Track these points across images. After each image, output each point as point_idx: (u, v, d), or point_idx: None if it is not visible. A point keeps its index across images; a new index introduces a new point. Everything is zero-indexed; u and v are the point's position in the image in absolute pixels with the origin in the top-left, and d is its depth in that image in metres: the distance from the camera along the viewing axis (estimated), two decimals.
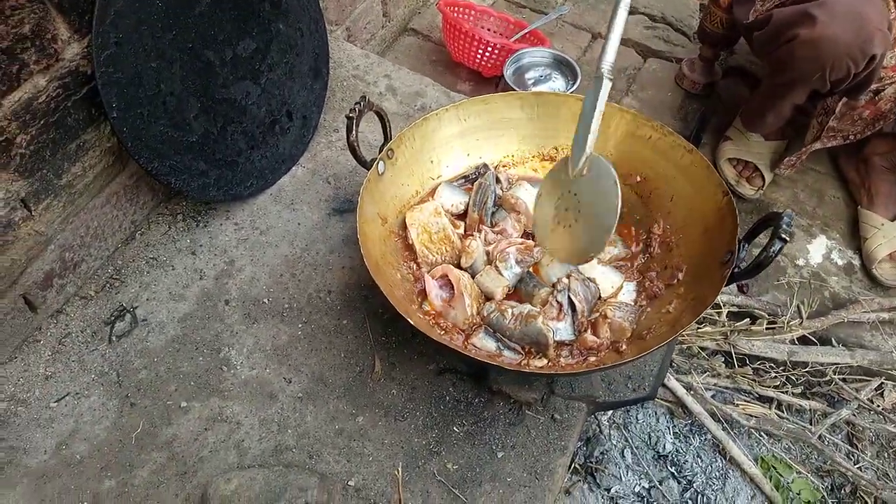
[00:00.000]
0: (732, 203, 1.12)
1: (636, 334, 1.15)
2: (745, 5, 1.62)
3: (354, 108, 1.14)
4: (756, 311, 1.52)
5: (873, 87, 1.45)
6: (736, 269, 1.04)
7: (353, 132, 1.15)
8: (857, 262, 1.70)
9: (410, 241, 1.25)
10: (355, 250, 1.33)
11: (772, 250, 0.97)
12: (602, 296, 1.21)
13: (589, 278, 1.21)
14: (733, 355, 1.49)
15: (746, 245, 1.07)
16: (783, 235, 0.97)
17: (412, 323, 1.01)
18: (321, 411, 1.14)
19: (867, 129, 1.60)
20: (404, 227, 1.26)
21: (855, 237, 1.73)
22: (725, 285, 1.04)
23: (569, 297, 1.15)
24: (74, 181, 1.14)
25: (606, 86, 1.05)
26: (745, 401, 1.44)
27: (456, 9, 1.98)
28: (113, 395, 1.13)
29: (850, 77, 1.33)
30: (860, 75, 1.33)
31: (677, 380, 1.41)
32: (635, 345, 1.11)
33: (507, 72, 1.76)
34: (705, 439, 1.40)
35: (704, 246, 1.17)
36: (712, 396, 1.43)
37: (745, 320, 1.51)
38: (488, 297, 1.18)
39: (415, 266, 1.24)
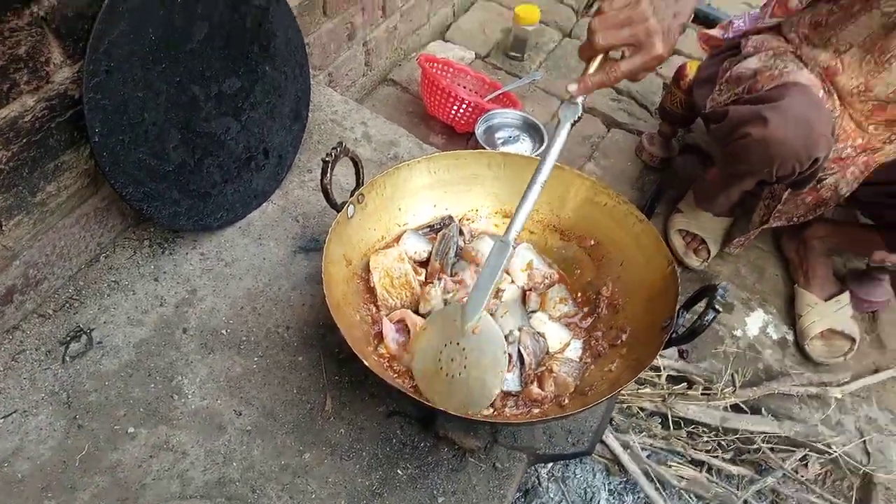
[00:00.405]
0: (676, 273, 1.20)
1: (579, 390, 1.21)
2: (704, 89, 1.75)
3: (331, 153, 1.20)
4: (693, 376, 1.60)
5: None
6: (674, 335, 1.11)
7: (328, 175, 1.20)
8: (790, 338, 1.80)
9: (372, 284, 1.29)
10: (317, 289, 1.37)
11: (706, 319, 1.05)
12: (550, 350, 1.27)
13: (539, 333, 1.27)
14: (670, 417, 1.56)
15: (685, 312, 1.15)
16: (717, 306, 1.05)
17: (367, 364, 1.04)
18: (268, 446, 1.16)
19: (809, 213, 1.72)
20: (367, 270, 1.31)
21: (790, 314, 1.84)
22: (663, 349, 1.11)
23: (519, 349, 1.21)
24: (48, 200, 1.16)
25: (510, 253, 1.10)
26: (678, 462, 1.51)
27: (435, 65, 2.08)
28: (61, 416, 1.14)
29: (795, 174, 1.45)
30: (804, 173, 1.45)
31: (616, 437, 1.47)
32: (577, 400, 1.16)
33: (479, 130, 1.84)
34: (638, 498, 1.45)
35: (648, 311, 1.24)
36: (648, 456, 1.49)
37: (683, 384, 1.59)
38: None
39: (374, 309, 1.28)
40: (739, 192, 1.73)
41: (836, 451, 1.57)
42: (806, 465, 1.59)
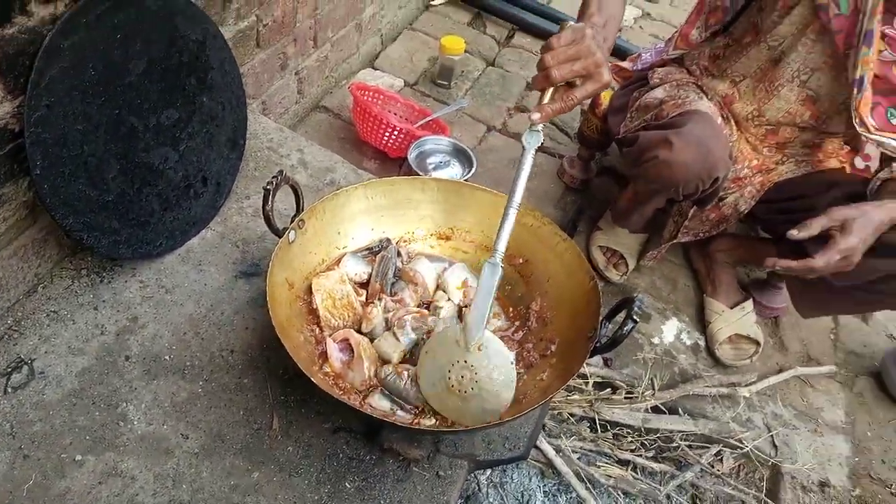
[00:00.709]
0: (597, 287, 1.32)
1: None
2: (617, 117, 1.90)
3: (272, 181, 1.25)
4: (617, 381, 1.72)
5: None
6: (598, 344, 1.22)
7: (269, 203, 1.25)
8: (702, 343, 1.96)
9: (315, 306, 1.34)
10: (259, 312, 1.41)
11: (625, 329, 1.16)
12: None
13: None
14: (597, 421, 1.67)
15: (607, 323, 1.26)
16: (635, 317, 1.16)
17: (314, 381, 1.10)
18: (217, 467, 1.19)
19: (713, 228, 1.89)
20: (309, 292, 1.36)
21: (701, 321, 2.00)
22: (589, 357, 1.22)
23: None
24: None
25: (499, 273, 1.17)
26: (606, 462, 1.62)
27: (366, 93, 2.15)
28: (5, 447, 1.13)
29: (699, 192, 1.60)
30: (707, 191, 1.61)
31: (549, 442, 1.57)
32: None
33: (411, 155, 1.93)
34: (571, 498, 1.55)
35: (574, 323, 1.35)
36: (578, 458, 1.60)
37: (608, 390, 1.71)
38: (385, 361, 1.29)
39: (317, 329, 1.33)
40: (651, 210, 1.88)
41: (747, 446, 1.72)
42: (721, 459, 1.73)
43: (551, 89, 1.14)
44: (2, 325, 1.26)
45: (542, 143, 1.20)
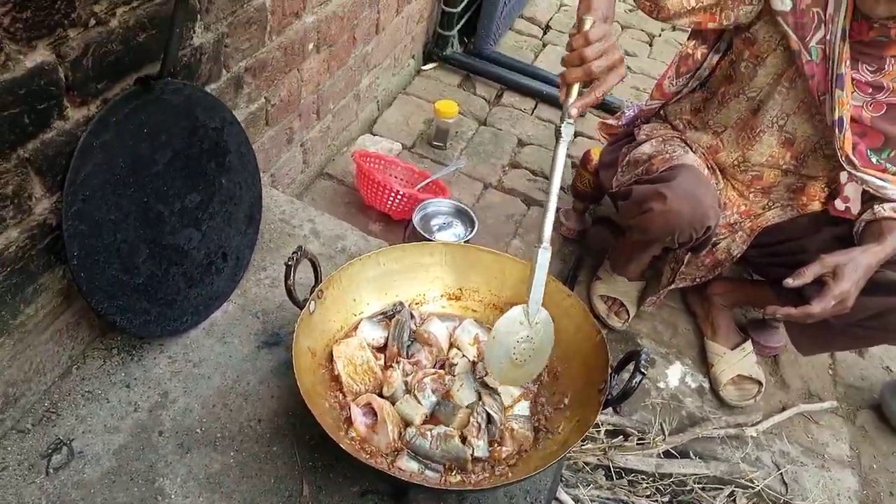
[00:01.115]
0: (604, 341, 1.39)
1: (536, 442, 1.36)
2: (608, 172, 2.01)
3: (293, 257, 1.33)
4: (628, 428, 1.78)
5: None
6: (609, 396, 1.29)
7: (291, 278, 1.33)
8: (706, 385, 2.02)
9: (336, 373, 1.41)
10: (283, 381, 1.47)
11: (634, 382, 1.23)
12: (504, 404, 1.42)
13: (495, 392, 1.42)
14: (612, 468, 1.72)
15: (616, 375, 1.33)
16: (642, 370, 1.23)
17: (343, 447, 1.16)
18: None
19: (708, 273, 1.98)
20: (331, 359, 1.42)
21: (703, 363, 2.07)
22: (602, 409, 1.28)
23: (486, 411, 1.35)
24: (27, 321, 1.23)
25: (549, 254, 1.30)
26: None
27: (368, 159, 2.26)
28: None
29: (693, 240, 1.69)
30: (700, 239, 1.70)
31: (567, 492, 1.61)
32: (535, 454, 1.31)
33: (416, 218, 2.02)
34: None
35: (584, 375, 1.42)
36: None
37: (620, 437, 1.76)
38: (408, 423, 1.35)
39: (340, 395, 1.39)
40: (648, 258, 1.97)
41: (758, 485, 1.77)
42: (734, 500, 1.78)
43: (579, 84, 1.26)
44: (40, 408, 1.32)
45: (573, 138, 1.35)
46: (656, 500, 1.72)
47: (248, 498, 1.28)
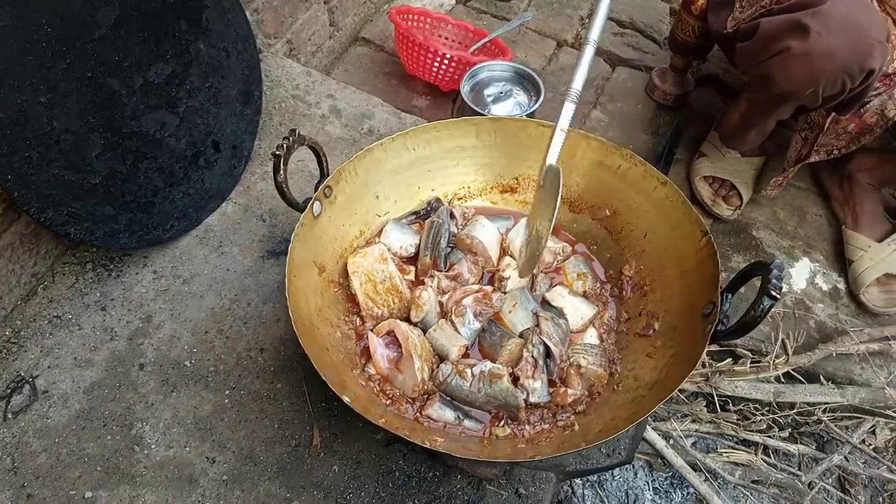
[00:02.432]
0: (713, 245, 0.99)
1: (612, 382, 1.02)
2: (721, 13, 1.49)
3: (282, 145, 0.99)
4: (739, 349, 1.39)
5: None
6: (720, 326, 0.91)
7: (281, 171, 1.00)
8: (842, 287, 1.58)
9: (353, 291, 1.10)
10: None
11: (760, 308, 0.84)
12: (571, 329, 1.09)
13: (559, 314, 1.08)
14: (715, 398, 1.36)
15: (730, 296, 0.95)
16: (773, 292, 0.84)
17: (347, 402, 0.86)
18: (250, 497, 0.98)
19: (852, 143, 1.48)
20: (346, 274, 1.11)
21: (840, 259, 1.62)
22: (709, 344, 0.91)
23: (543, 341, 1.01)
24: None
25: (570, 108, 1.06)
26: (730, 447, 1.32)
27: (409, 17, 1.83)
28: (6, 485, 0.97)
29: (844, 92, 1.21)
30: (855, 90, 1.21)
31: (654, 429, 1.28)
32: (605, 407, 0.97)
33: (465, 88, 1.61)
34: (688, 494, 1.28)
35: (683, 292, 1.04)
36: (693, 444, 1.31)
37: (728, 360, 1.39)
38: (442, 358, 1.03)
39: (358, 320, 1.09)
40: (773, 124, 1.49)
41: None
42: (874, 432, 1.39)
43: None
44: None
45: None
46: (772, 435, 1.36)
47: (245, 447, 1.03)
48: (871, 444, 1.38)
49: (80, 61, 1.01)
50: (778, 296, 0.82)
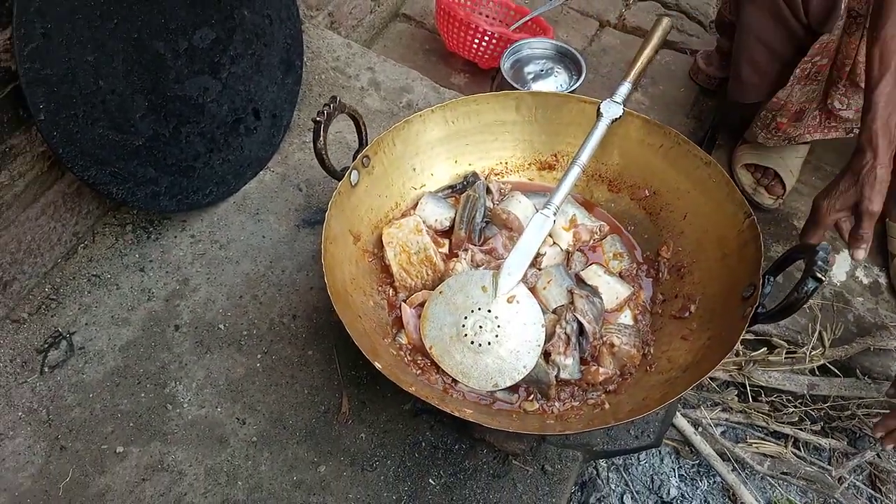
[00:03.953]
0: (756, 227, 0.97)
1: (644, 364, 1.01)
2: None
3: (322, 111, 0.99)
4: (774, 339, 1.36)
5: None
6: (760, 309, 0.89)
7: (321, 138, 1.00)
8: (883, 281, 1.54)
9: (387, 262, 1.10)
10: None
11: (804, 290, 0.82)
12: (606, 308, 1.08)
13: (594, 292, 1.07)
14: (748, 387, 1.34)
15: (772, 279, 0.92)
16: (818, 274, 0.81)
17: (379, 368, 0.86)
18: (278, 459, 1.00)
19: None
20: (380, 245, 1.11)
21: (882, 252, 1.57)
22: (748, 327, 0.89)
23: (577, 318, 1.00)
24: (1, 191, 0.99)
25: (550, 226, 1.08)
26: (760, 437, 1.30)
27: None
28: (41, 437, 0.99)
29: None
30: None
31: (684, 415, 1.27)
32: (633, 395, 0.96)
33: (505, 65, 1.59)
34: (714, 482, 1.26)
35: (722, 275, 1.02)
36: (723, 433, 1.29)
37: (763, 349, 1.36)
38: None
39: (391, 291, 1.09)
40: (767, 57, 1.34)
41: None
42: None
43: None
44: (39, 294, 1.12)
45: (620, 116, 1.12)
46: (804, 428, 1.33)
47: (275, 411, 1.04)
48: None
49: (127, 22, 1.02)
50: (823, 278, 0.80)
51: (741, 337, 0.88)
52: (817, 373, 1.37)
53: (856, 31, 1.23)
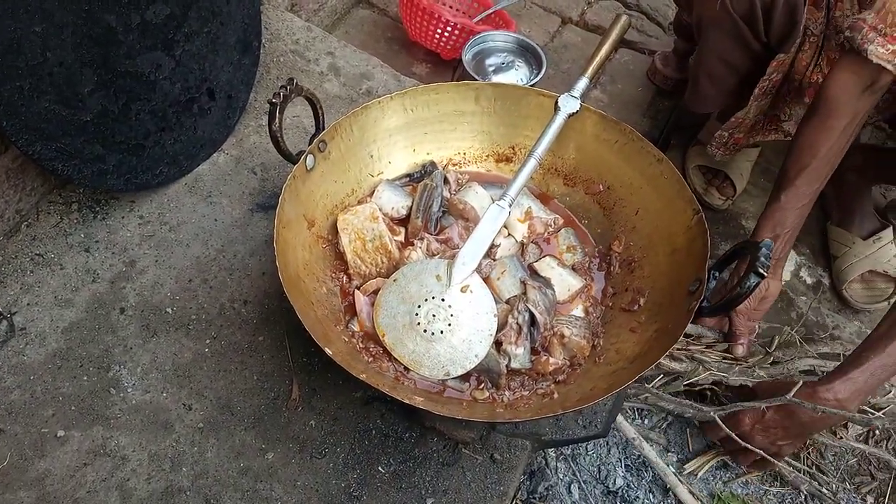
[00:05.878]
0: (704, 224, 1.00)
1: (593, 355, 1.02)
2: None
3: (279, 93, 0.98)
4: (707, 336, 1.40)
5: None
6: (704, 302, 0.91)
7: (277, 120, 0.98)
8: (826, 281, 1.60)
9: (341, 249, 1.09)
10: None
11: (746, 285, 0.85)
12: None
13: (546, 283, 1.08)
14: None
15: (717, 274, 0.95)
16: (760, 270, 0.84)
17: (330, 354, 0.85)
18: (224, 445, 0.98)
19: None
20: (335, 231, 1.10)
21: (825, 254, 1.64)
22: (692, 320, 0.92)
23: (528, 309, 1.01)
24: None
25: (505, 216, 1.10)
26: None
27: None
28: None
29: (756, 6, 1.18)
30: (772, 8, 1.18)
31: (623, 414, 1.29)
32: (584, 385, 0.97)
33: (466, 56, 1.59)
34: (657, 474, 1.29)
35: (670, 270, 1.05)
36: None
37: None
38: None
39: (345, 278, 1.08)
40: (723, 69, 1.39)
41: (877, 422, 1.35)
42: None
43: None
44: None
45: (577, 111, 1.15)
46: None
47: (223, 397, 1.02)
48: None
49: None
50: (765, 273, 0.83)
51: (685, 328, 0.91)
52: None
53: (808, 48, 1.27)
